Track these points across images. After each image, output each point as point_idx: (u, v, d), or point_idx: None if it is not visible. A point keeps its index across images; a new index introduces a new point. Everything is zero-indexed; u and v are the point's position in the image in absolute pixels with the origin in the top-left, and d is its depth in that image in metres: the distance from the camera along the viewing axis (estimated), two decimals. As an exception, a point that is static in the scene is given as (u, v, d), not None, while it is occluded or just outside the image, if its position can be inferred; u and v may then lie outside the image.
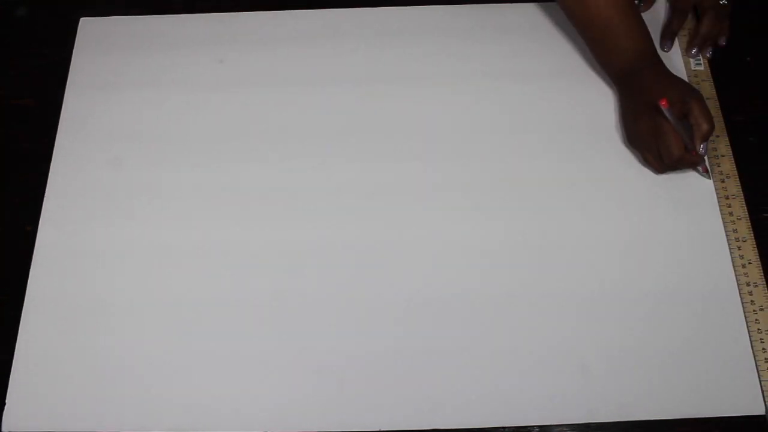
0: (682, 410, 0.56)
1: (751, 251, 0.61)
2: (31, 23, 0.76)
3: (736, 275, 0.60)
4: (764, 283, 0.59)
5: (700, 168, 0.63)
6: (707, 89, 0.68)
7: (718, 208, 0.63)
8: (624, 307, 0.59)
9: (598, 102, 0.68)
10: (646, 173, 0.64)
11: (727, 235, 0.62)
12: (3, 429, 0.57)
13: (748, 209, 0.63)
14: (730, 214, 0.62)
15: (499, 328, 0.59)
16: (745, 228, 0.62)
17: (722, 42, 0.69)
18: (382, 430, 0.56)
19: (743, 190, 0.63)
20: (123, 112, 0.70)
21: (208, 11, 0.75)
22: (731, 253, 0.61)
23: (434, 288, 0.61)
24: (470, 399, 0.56)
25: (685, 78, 0.68)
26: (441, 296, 0.60)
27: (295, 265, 0.62)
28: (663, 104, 0.58)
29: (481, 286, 0.61)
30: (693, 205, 0.63)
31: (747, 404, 0.55)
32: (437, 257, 0.62)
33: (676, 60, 0.70)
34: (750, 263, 0.60)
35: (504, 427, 0.56)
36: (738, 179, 0.64)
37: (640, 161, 0.65)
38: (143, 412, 0.57)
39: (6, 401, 0.58)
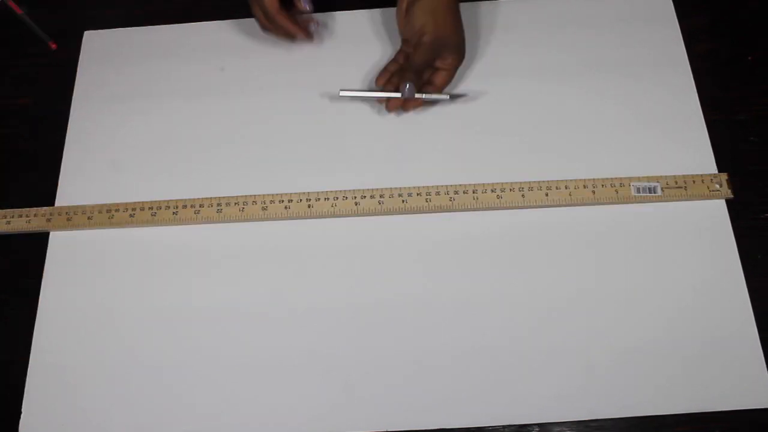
0: (689, 406, 0.56)
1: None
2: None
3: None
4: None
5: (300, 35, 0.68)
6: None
7: (725, 204, 0.63)
8: (628, 303, 0.59)
9: (607, 97, 0.68)
10: (655, 172, 0.64)
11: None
12: (20, 437, 0.58)
13: (748, 209, 0.63)
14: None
15: (502, 328, 0.59)
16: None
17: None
18: (384, 430, 0.56)
19: (744, 190, 0.63)
20: (128, 121, 0.70)
21: (206, 18, 0.75)
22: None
23: (436, 289, 0.61)
24: (473, 399, 0.57)
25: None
26: (443, 297, 0.61)
27: (300, 269, 0.62)
28: None
29: (482, 286, 0.61)
30: (699, 200, 0.63)
31: (756, 397, 0.56)
32: (439, 257, 0.62)
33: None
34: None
35: (505, 426, 0.56)
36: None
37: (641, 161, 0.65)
38: (155, 420, 0.58)
39: (22, 410, 0.59)
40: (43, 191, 0.67)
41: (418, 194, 0.64)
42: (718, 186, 0.63)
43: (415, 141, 0.67)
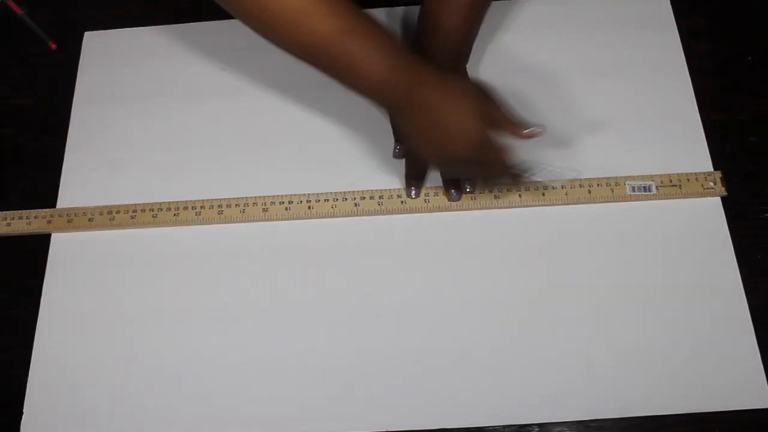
0: (687, 406, 0.56)
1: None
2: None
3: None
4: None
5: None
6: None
7: (720, 203, 0.63)
8: (627, 303, 0.60)
9: (604, 97, 0.68)
10: (651, 172, 0.64)
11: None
12: (21, 438, 0.58)
13: (748, 209, 0.63)
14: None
15: (501, 328, 0.59)
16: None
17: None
18: (384, 430, 0.56)
19: (744, 190, 0.63)
20: (129, 122, 0.70)
21: (206, 19, 0.75)
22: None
23: (435, 289, 0.61)
24: (473, 399, 0.57)
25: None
26: (443, 297, 0.61)
27: (301, 269, 0.63)
28: None
29: (481, 286, 0.61)
30: (695, 200, 0.63)
31: (753, 397, 0.56)
32: (438, 257, 0.62)
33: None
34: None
35: (505, 426, 0.56)
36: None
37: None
38: (156, 419, 0.58)
39: (24, 410, 0.59)
40: (45, 193, 0.68)
41: (424, 196, 0.64)
42: (712, 184, 0.63)
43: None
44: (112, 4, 0.78)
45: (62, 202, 0.67)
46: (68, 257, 0.65)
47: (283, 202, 0.65)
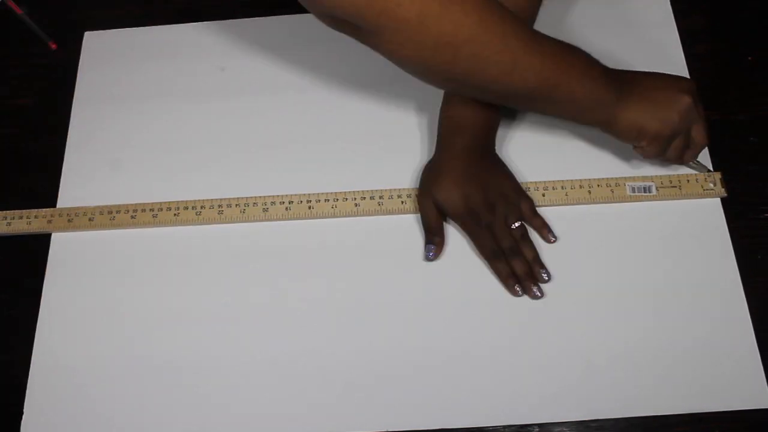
0: (687, 406, 0.56)
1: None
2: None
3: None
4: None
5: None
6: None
7: (720, 204, 0.63)
8: (627, 303, 0.60)
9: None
10: (649, 171, 0.64)
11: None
12: (21, 438, 0.58)
13: (748, 209, 0.63)
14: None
15: (501, 328, 0.59)
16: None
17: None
18: (384, 430, 0.56)
19: (744, 191, 0.63)
20: (129, 122, 0.70)
21: (206, 19, 0.75)
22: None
23: (436, 289, 0.61)
24: (473, 399, 0.57)
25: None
26: (443, 297, 0.61)
27: (301, 269, 0.63)
28: None
29: (482, 286, 0.61)
30: (695, 201, 0.63)
31: (753, 398, 0.56)
32: (440, 257, 0.62)
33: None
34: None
35: (506, 426, 0.56)
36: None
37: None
38: (156, 419, 0.58)
39: (24, 410, 0.59)
40: (45, 193, 0.68)
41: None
42: (712, 185, 0.63)
43: (415, 142, 0.67)
44: (112, 4, 0.78)
45: (62, 202, 0.67)
46: (68, 257, 0.65)
47: (284, 202, 0.65)
